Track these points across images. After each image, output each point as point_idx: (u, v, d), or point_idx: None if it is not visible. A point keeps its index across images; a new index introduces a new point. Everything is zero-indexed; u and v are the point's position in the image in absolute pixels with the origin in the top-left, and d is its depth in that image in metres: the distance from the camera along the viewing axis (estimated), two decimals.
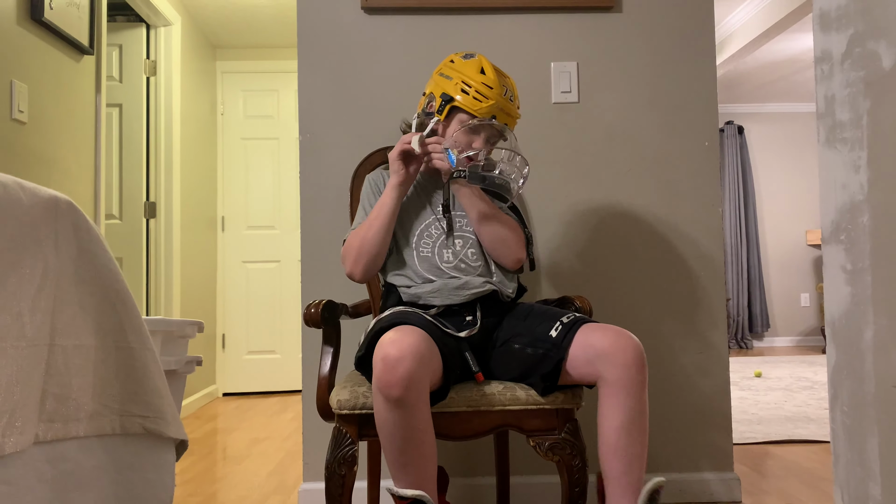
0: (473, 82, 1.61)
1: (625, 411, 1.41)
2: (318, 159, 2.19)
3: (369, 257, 1.65)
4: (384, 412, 1.35)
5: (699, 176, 2.22)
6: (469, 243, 1.70)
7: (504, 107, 1.61)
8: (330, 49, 2.20)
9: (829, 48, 0.85)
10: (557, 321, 1.52)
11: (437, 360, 1.43)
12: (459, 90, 1.62)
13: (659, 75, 2.23)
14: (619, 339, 1.42)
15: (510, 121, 1.64)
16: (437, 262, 1.67)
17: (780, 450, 2.78)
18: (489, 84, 1.60)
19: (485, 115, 1.60)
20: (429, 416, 1.39)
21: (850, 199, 0.81)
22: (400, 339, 1.34)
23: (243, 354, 4.70)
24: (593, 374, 1.44)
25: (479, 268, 1.68)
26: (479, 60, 1.65)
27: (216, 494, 2.34)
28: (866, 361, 0.79)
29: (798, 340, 7.34)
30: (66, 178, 2.81)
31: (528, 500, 2.13)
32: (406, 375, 1.31)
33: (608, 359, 1.41)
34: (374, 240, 1.64)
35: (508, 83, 1.66)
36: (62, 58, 2.78)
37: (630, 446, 1.41)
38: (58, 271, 1.02)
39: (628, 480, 1.40)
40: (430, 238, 1.69)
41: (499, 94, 1.60)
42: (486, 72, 1.62)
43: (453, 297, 1.62)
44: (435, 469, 1.42)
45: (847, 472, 0.82)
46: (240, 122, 4.78)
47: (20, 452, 0.96)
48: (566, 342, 1.47)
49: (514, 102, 1.65)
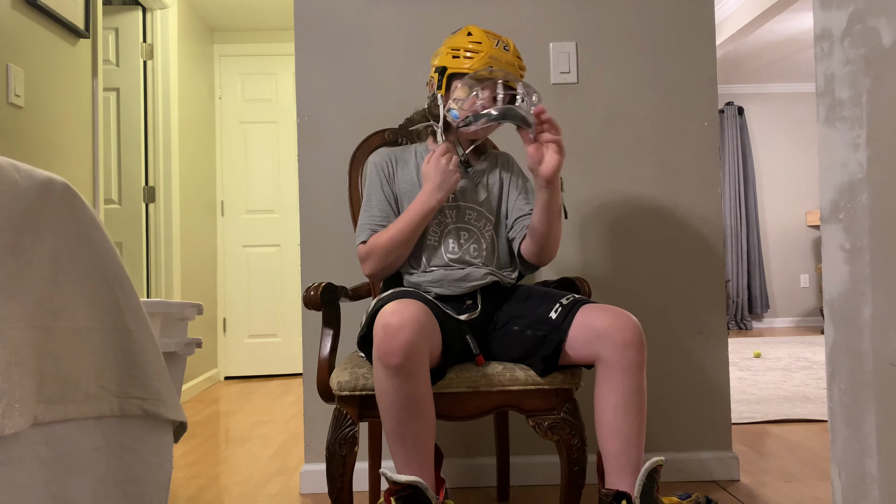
0: (461, 45, 1.62)
1: (622, 391, 1.41)
2: (317, 142, 2.18)
3: (395, 260, 1.63)
4: (384, 381, 1.35)
5: (699, 157, 2.21)
6: (473, 237, 1.69)
7: (497, 55, 1.60)
8: (327, 31, 2.19)
9: (829, 26, 0.84)
10: (557, 303, 1.52)
11: (437, 333, 1.43)
12: (450, 57, 1.62)
13: (658, 55, 2.22)
14: (617, 320, 1.42)
15: (510, 68, 1.61)
16: (441, 252, 1.67)
17: (778, 429, 2.80)
18: (476, 40, 1.61)
19: (479, 69, 1.58)
20: (428, 386, 1.39)
21: (849, 177, 0.81)
22: (401, 309, 1.34)
23: (244, 338, 4.72)
24: (592, 355, 1.45)
25: (480, 260, 1.67)
26: (466, 28, 1.66)
27: (219, 476, 2.35)
28: (864, 340, 0.79)
29: (797, 321, 7.35)
30: (65, 163, 2.80)
31: (528, 480, 2.14)
32: (406, 343, 1.31)
33: (606, 339, 1.41)
34: (406, 245, 1.61)
35: (503, 39, 1.64)
36: (58, 41, 2.77)
37: (627, 426, 1.42)
38: (55, 253, 1.02)
39: (626, 459, 1.41)
40: (438, 227, 1.69)
41: (489, 46, 1.60)
42: (473, 32, 1.63)
43: (454, 287, 1.62)
44: (432, 442, 1.42)
45: (845, 450, 0.82)
46: (238, 106, 4.76)
47: (18, 434, 0.96)
48: (566, 324, 1.47)
49: (510, 51, 1.62)
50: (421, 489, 1.34)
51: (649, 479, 1.39)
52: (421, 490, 1.35)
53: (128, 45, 3.84)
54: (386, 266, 1.64)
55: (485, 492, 2.10)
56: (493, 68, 1.58)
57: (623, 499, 1.39)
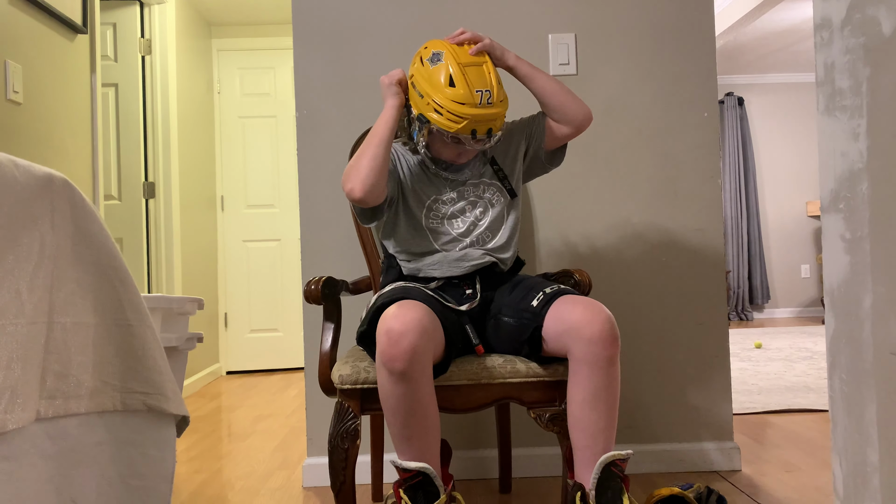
0: (444, 101, 1.51)
1: (588, 386, 1.41)
2: (316, 136, 2.17)
3: (369, 171, 1.55)
4: (388, 385, 1.36)
5: (699, 148, 2.21)
6: (478, 207, 1.69)
7: (482, 116, 1.51)
8: (326, 25, 2.18)
9: (829, 14, 0.84)
10: (541, 291, 1.52)
11: (440, 334, 1.43)
12: (433, 109, 1.53)
13: (658, 46, 2.21)
14: (586, 313, 1.41)
15: (492, 123, 1.54)
16: (440, 234, 1.67)
17: (779, 419, 2.80)
18: (460, 100, 1.50)
19: (463, 132, 1.53)
20: (432, 389, 1.40)
21: (849, 167, 0.81)
22: (403, 313, 1.35)
23: (246, 333, 4.72)
24: (563, 348, 1.44)
25: (479, 240, 1.67)
26: (445, 65, 1.53)
27: (221, 471, 2.36)
28: (865, 329, 0.79)
29: (798, 312, 7.36)
30: (64, 159, 2.79)
31: (530, 472, 2.15)
32: (409, 349, 1.32)
33: (575, 333, 1.40)
34: (376, 153, 1.56)
35: (484, 78, 1.54)
36: (56, 37, 2.76)
37: (593, 421, 1.41)
38: (55, 248, 1.02)
39: (591, 453, 1.41)
40: (436, 212, 1.69)
41: (472, 107, 1.50)
42: (456, 81, 1.51)
43: (453, 268, 1.62)
44: (438, 441, 1.44)
45: (845, 439, 0.82)
46: (237, 101, 4.75)
47: (22, 429, 0.96)
48: (544, 312, 1.47)
49: (492, 104, 1.53)
50: (429, 476, 1.36)
51: (606, 473, 1.38)
52: (429, 477, 1.36)
53: (126, 41, 3.83)
54: (363, 179, 1.54)
55: (487, 484, 2.11)
56: (475, 132, 1.53)
57: (578, 490, 1.40)
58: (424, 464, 1.37)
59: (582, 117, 1.68)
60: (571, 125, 1.69)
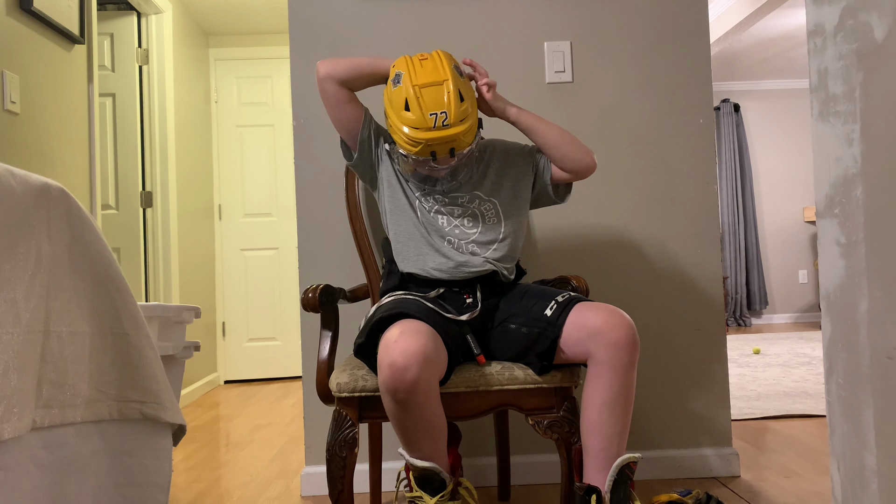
0: (401, 125, 1.53)
1: (609, 390, 1.43)
2: (313, 145, 2.18)
3: (345, 64, 1.63)
4: (395, 410, 1.39)
5: (695, 154, 2.22)
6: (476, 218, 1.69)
7: (436, 140, 1.50)
8: (322, 34, 2.19)
9: (822, 21, 0.84)
10: (553, 300, 1.53)
11: (444, 356, 1.45)
12: (395, 132, 1.56)
13: (653, 53, 2.22)
14: (610, 318, 1.43)
15: (449, 144, 1.52)
16: (439, 240, 1.67)
17: (778, 425, 2.80)
18: (413, 125, 1.51)
19: (421, 155, 1.54)
20: (439, 406, 1.43)
21: (843, 172, 0.81)
22: (406, 343, 1.35)
23: (244, 342, 4.71)
24: (584, 353, 1.46)
25: (479, 249, 1.67)
26: (402, 88, 1.54)
27: (219, 480, 2.35)
28: (861, 334, 0.79)
29: (796, 317, 7.36)
30: (61, 168, 2.79)
31: (529, 479, 2.14)
32: (414, 381, 1.34)
33: (599, 338, 1.43)
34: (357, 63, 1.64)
35: (439, 100, 1.51)
36: (53, 47, 2.76)
37: (611, 424, 1.43)
38: (51, 258, 1.02)
39: (606, 456, 1.43)
40: (432, 222, 1.68)
41: (426, 131, 1.50)
42: (410, 105, 1.51)
43: (453, 273, 1.63)
44: (445, 443, 1.47)
45: (843, 444, 0.82)
46: (234, 110, 4.76)
47: (17, 438, 0.96)
48: (561, 321, 1.48)
49: (448, 125, 1.50)
50: (436, 470, 1.42)
51: (621, 475, 1.41)
52: (436, 471, 1.42)
53: (123, 51, 3.84)
54: (335, 68, 1.63)
55: (486, 491, 2.10)
56: (434, 153, 1.53)
57: (594, 493, 1.40)
58: (432, 463, 1.42)
59: (583, 167, 1.68)
60: (573, 174, 1.71)
